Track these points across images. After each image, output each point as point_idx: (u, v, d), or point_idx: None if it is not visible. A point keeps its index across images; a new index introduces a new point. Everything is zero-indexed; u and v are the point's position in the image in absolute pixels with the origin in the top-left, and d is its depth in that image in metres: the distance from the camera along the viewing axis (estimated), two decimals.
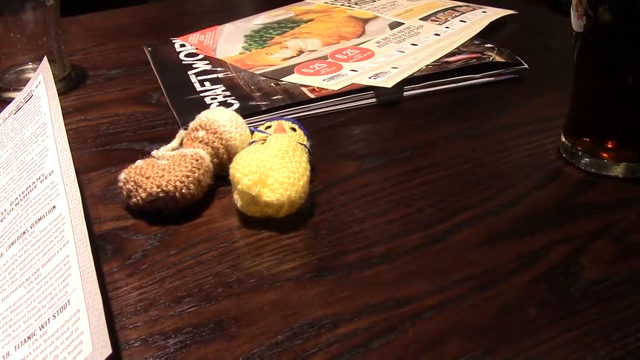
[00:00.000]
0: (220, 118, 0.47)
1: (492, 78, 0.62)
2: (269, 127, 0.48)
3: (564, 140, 0.50)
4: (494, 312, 0.37)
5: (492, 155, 0.51)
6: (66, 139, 0.40)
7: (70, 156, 0.38)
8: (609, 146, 0.48)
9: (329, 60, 0.65)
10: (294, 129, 0.48)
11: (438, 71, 0.61)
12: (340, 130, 0.55)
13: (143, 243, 0.41)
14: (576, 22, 0.46)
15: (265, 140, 0.45)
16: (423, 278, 0.39)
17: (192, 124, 0.48)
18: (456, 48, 0.66)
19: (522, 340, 0.35)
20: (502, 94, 0.61)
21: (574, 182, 0.48)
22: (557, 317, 0.36)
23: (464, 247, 0.42)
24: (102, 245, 0.41)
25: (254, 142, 0.46)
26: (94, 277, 0.30)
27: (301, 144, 0.46)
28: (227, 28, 0.74)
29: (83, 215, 0.33)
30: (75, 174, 0.37)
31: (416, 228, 0.43)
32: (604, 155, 0.48)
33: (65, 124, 0.41)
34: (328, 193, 0.47)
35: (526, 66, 0.62)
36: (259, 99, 0.57)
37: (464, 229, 0.43)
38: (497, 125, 0.56)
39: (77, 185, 0.35)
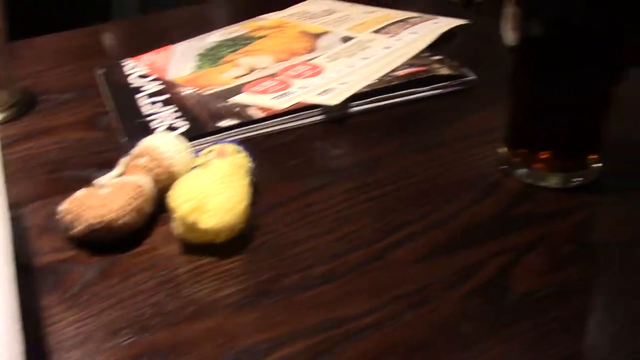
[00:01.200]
0: (163, 144, 0.47)
1: (440, 90, 0.63)
2: (212, 151, 0.49)
3: (503, 152, 0.52)
4: (430, 328, 0.38)
5: (435, 169, 0.52)
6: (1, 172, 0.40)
7: (3, 190, 0.38)
8: (544, 157, 0.49)
9: (279, 77, 0.65)
10: (237, 152, 0.49)
11: (385, 86, 0.62)
12: (287, 149, 0.56)
13: (83, 274, 0.41)
14: (509, 36, 0.47)
15: (206, 164, 0.46)
16: (362, 297, 0.40)
17: (134, 151, 0.48)
18: (405, 61, 0.67)
19: (458, 355, 0.36)
20: (449, 106, 0.62)
21: (511, 194, 0.49)
22: (491, 331, 0.37)
23: (404, 263, 0.42)
24: (42, 278, 0.41)
25: (195, 167, 0.47)
26: (16, 325, 0.30)
27: (243, 167, 0.47)
28: (181, 47, 0.75)
29: (10, 255, 0.33)
30: (6, 209, 0.37)
31: (358, 246, 0.44)
32: (539, 166, 0.49)
33: (13, 152, 0.41)
34: (271, 215, 0.47)
35: (473, 77, 0.64)
36: (209, 120, 0.58)
37: (404, 245, 0.44)
38: (442, 139, 0.57)
39: (7, 224, 0.36)
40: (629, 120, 0.56)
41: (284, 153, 0.55)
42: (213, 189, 0.42)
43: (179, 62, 0.71)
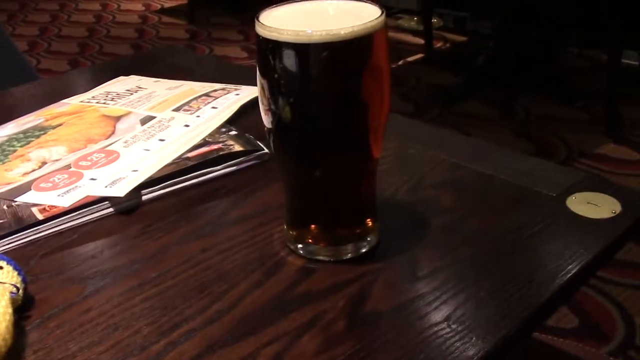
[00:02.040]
0: None
1: (234, 167, 0.63)
2: None
3: (285, 228, 0.52)
4: None
5: (220, 254, 0.52)
6: None
7: None
8: (315, 232, 0.50)
9: (72, 169, 0.63)
10: (0, 267, 0.46)
11: (178, 169, 0.61)
12: (70, 250, 0.54)
13: None
14: (264, 117, 0.48)
15: None
16: None
17: None
18: (202, 139, 0.67)
19: None
20: (243, 182, 0.62)
21: (292, 273, 0.49)
22: None
23: None
24: None
25: None
26: None
27: (2, 282, 0.44)
28: None
29: None
30: None
31: (130, 353, 0.42)
32: (311, 240, 0.50)
33: None
34: (44, 328, 0.45)
35: (266, 151, 0.65)
36: None
37: (179, 345, 0.43)
38: (231, 219, 0.57)
39: None
40: (396, 178, 0.60)
41: (66, 255, 0.53)
42: None
43: None
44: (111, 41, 3.44)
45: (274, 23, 0.44)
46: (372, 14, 0.44)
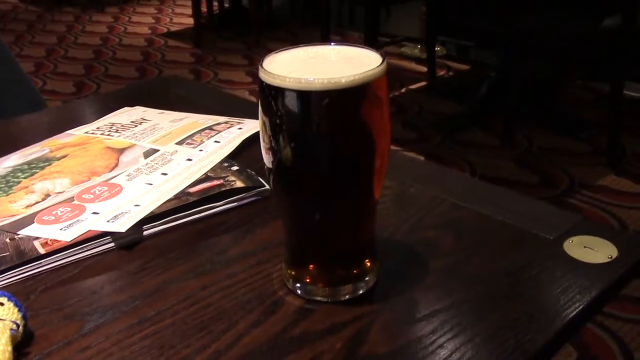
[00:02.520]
0: None
1: (235, 203, 0.64)
2: None
3: (283, 267, 0.53)
4: None
5: (220, 292, 0.52)
6: None
7: None
8: (313, 272, 0.51)
9: (75, 202, 0.64)
10: (1, 304, 0.47)
11: (180, 205, 0.62)
12: (70, 285, 0.54)
13: None
14: (265, 156, 0.49)
15: None
16: None
17: None
18: (204, 174, 0.68)
19: None
20: (244, 218, 0.63)
21: (290, 312, 0.50)
22: None
23: None
24: None
25: None
26: None
27: (2, 319, 0.45)
28: None
29: None
30: None
31: None
32: (309, 280, 0.50)
33: None
34: None
35: (266, 187, 0.65)
36: None
37: None
38: (231, 257, 0.57)
39: None
40: (395, 217, 0.60)
41: (66, 290, 0.53)
42: None
43: None
44: (117, 64, 3.48)
45: (276, 69, 0.45)
46: (373, 62, 0.45)
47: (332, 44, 0.49)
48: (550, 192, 2.04)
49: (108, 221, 0.60)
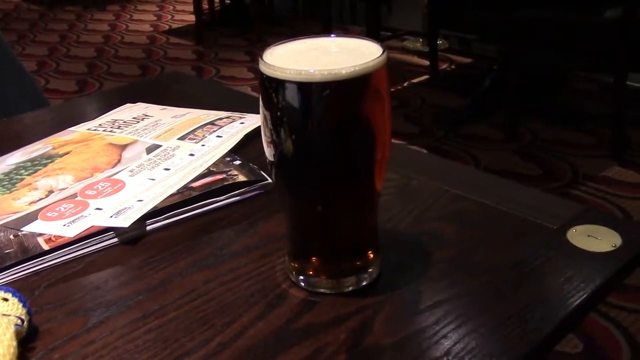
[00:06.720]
0: None
1: (238, 197, 0.64)
2: None
3: (287, 260, 0.53)
4: None
5: (223, 286, 0.52)
6: None
7: None
8: (316, 264, 0.51)
9: (78, 198, 0.64)
10: (6, 299, 0.47)
11: (182, 200, 0.62)
12: (74, 281, 0.54)
13: None
14: (267, 150, 0.49)
15: None
16: None
17: None
18: (206, 169, 0.68)
19: None
20: (247, 212, 0.63)
21: (294, 305, 0.50)
22: None
23: None
24: None
25: None
26: None
27: (7, 315, 0.45)
28: None
29: None
30: None
31: None
32: (312, 272, 0.50)
33: None
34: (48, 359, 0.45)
35: (269, 181, 0.65)
36: None
37: None
38: (234, 251, 0.57)
39: None
40: (398, 209, 0.60)
41: (70, 286, 0.53)
42: None
43: None
44: (119, 61, 3.48)
45: (277, 61, 0.45)
46: (373, 52, 0.45)
47: (332, 35, 0.49)
48: (555, 184, 2.03)
49: (111, 217, 0.60)
